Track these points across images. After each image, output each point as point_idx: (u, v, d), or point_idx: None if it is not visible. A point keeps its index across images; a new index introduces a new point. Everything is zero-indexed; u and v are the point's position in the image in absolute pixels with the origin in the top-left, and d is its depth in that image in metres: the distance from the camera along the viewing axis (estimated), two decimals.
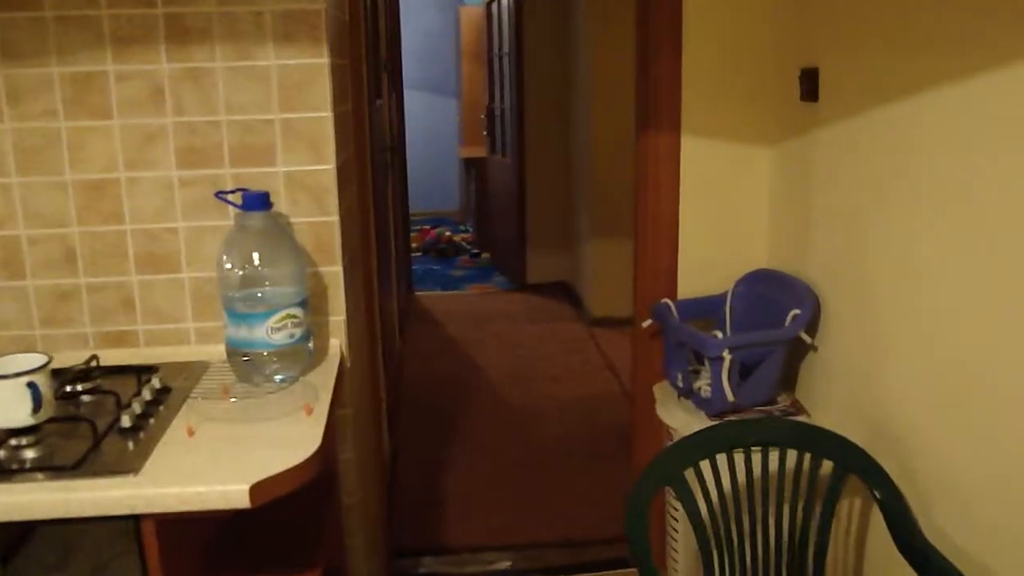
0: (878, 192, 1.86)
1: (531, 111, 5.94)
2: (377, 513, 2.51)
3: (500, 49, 6.32)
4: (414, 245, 7.50)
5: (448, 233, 7.49)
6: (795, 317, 2.15)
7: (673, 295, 2.50)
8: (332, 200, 1.80)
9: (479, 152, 7.19)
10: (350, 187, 2.09)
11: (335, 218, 1.81)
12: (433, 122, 8.84)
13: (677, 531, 2.32)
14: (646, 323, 2.46)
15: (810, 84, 2.15)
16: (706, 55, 2.37)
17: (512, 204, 6.19)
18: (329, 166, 1.78)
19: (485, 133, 6.77)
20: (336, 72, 1.85)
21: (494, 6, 6.40)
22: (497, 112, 6.53)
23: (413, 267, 6.82)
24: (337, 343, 1.88)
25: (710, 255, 2.50)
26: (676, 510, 2.30)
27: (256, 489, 1.28)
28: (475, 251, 7.22)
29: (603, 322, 5.28)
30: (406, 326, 5.38)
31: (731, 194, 2.47)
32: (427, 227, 7.85)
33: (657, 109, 2.38)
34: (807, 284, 2.21)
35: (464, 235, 7.88)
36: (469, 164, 7.62)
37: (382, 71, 4.18)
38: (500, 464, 3.52)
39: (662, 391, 2.40)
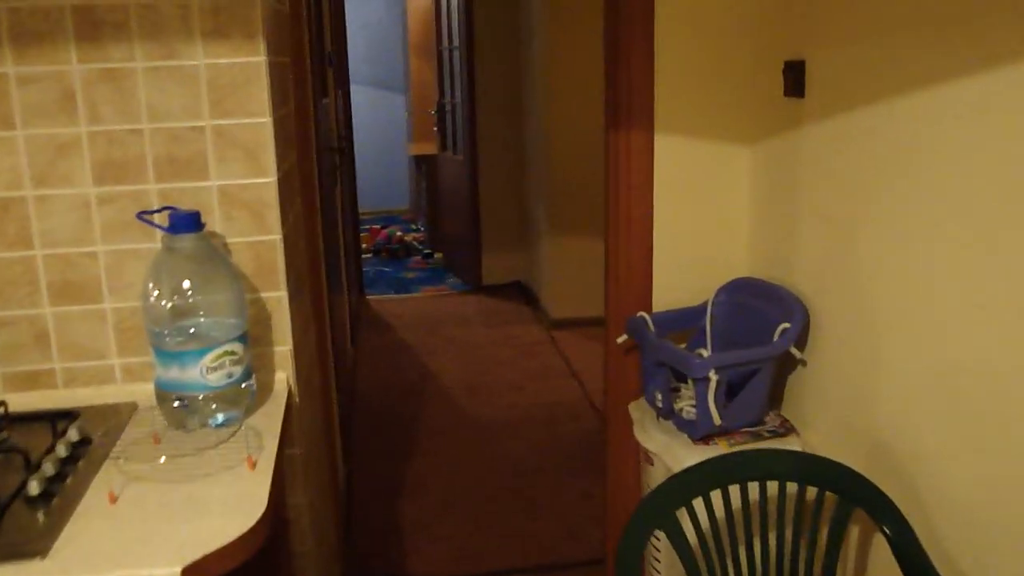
0: (873, 192, 1.71)
1: (483, 106, 5.74)
2: (333, 554, 2.31)
3: (450, 42, 6.10)
4: (364, 246, 7.25)
5: (399, 233, 7.26)
6: (784, 331, 1.99)
7: (648, 305, 2.33)
8: (274, 216, 1.59)
9: (429, 149, 6.97)
10: (294, 200, 1.88)
11: (278, 236, 1.60)
12: (381, 118, 8.60)
13: (660, 561, 2.15)
14: (621, 339, 2.28)
15: (795, 78, 1.99)
16: (681, 46, 2.20)
17: (465, 203, 5.99)
18: (270, 178, 1.57)
19: (435, 129, 6.55)
20: (275, 71, 1.64)
21: None
22: (448, 108, 6.32)
23: (364, 269, 6.58)
24: (284, 377, 1.67)
25: (687, 262, 2.34)
26: (659, 540, 2.13)
27: (190, 572, 1.08)
28: (427, 251, 7.01)
29: (562, 324, 5.11)
30: (358, 332, 5.16)
31: (709, 196, 2.30)
32: (377, 227, 7.61)
33: (629, 105, 2.20)
34: (794, 294, 2.06)
35: (415, 235, 7.65)
36: (419, 161, 7.40)
37: (327, 67, 3.95)
38: (462, 482, 3.33)
39: (639, 410, 2.23)
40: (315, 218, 2.33)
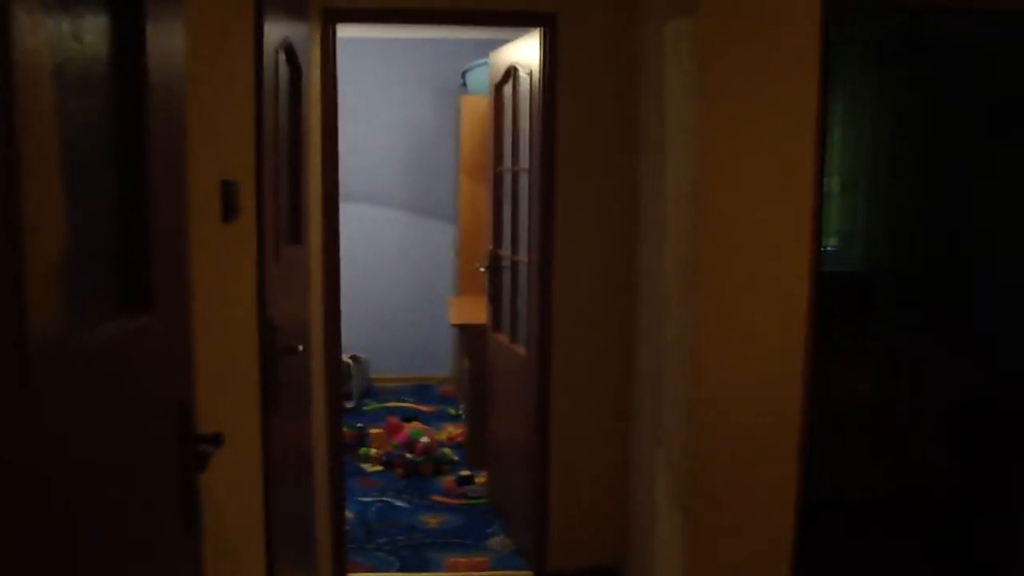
0: None
1: (564, 270, 3.39)
2: None
3: (514, 161, 3.80)
4: (372, 451, 4.84)
5: (425, 439, 4.76)
6: None
7: None
8: None
9: (477, 317, 4.58)
10: None
11: None
12: (421, 253, 6.33)
13: None
14: None
15: None
16: None
17: (525, 421, 3.59)
18: None
19: (487, 299, 4.16)
20: None
21: (507, 88, 3.90)
22: (506, 264, 3.95)
23: (364, 499, 4.21)
24: None
25: None
26: None
27: None
28: (465, 473, 4.51)
29: None
30: None
31: None
32: (396, 418, 5.18)
33: None
34: None
35: (452, 429, 5.24)
36: (464, 332, 5.00)
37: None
38: None
39: None
40: None
